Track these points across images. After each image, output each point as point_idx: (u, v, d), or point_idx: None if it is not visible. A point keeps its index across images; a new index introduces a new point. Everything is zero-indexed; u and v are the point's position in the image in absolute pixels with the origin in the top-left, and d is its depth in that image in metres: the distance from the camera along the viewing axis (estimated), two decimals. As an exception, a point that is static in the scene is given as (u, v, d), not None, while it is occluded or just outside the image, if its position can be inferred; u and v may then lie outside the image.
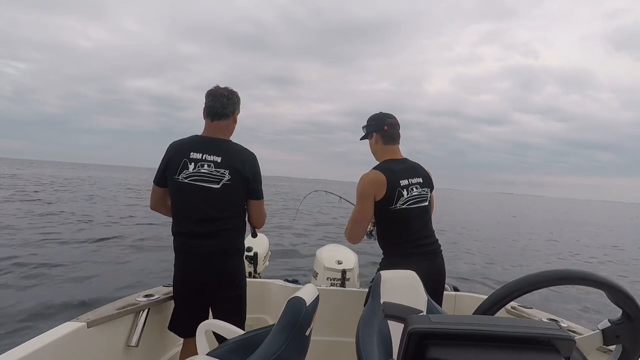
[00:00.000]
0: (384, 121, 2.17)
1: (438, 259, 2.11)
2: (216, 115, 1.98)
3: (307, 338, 1.34)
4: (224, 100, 1.99)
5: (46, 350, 1.29)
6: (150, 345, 1.96)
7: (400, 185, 2.03)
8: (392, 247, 2.13)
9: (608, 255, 13.97)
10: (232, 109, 2.02)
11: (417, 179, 2.10)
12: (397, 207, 2.02)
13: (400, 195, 2.02)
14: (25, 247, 8.20)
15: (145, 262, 7.67)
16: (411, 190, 2.05)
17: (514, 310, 2.10)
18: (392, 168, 2.07)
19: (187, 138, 2.01)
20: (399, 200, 2.02)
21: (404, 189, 2.03)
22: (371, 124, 2.21)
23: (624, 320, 0.80)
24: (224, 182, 1.89)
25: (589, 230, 25.37)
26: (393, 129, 2.17)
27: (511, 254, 12.56)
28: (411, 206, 2.05)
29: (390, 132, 2.17)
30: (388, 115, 2.20)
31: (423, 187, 2.11)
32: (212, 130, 2.00)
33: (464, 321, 0.61)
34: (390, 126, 2.17)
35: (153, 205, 2.10)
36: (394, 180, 2.02)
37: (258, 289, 2.42)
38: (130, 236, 10.23)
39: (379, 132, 2.18)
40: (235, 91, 2.04)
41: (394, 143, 2.18)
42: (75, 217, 12.84)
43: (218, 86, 2.04)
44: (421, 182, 2.11)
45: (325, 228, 14.66)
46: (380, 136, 2.17)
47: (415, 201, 2.06)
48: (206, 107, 2.01)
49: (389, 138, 2.17)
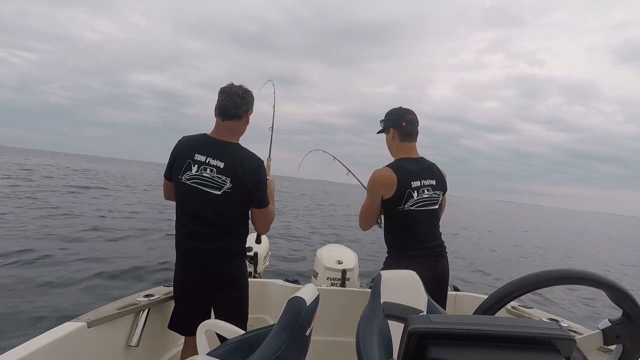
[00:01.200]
0: (402, 117, 2.09)
1: (443, 261, 2.09)
2: (228, 115, 1.91)
3: (307, 338, 1.34)
4: (238, 100, 1.91)
5: (46, 350, 1.29)
6: (151, 345, 1.96)
7: (411, 187, 1.98)
8: (396, 245, 2.11)
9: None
10: (246, 109, 1.94)
11: (431, 181, 2.04)
12: (405, 208, 1.98)
13: (409, 196, 1.97)
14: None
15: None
16: (422, 192, 2.00)
17: (514, 310, 2.10)
18: (406, 168, 2.02)
19: (195, 136, 1.96)
20: (407, 202, 1.98)
21: (414, 190, 1.98)
22: (389, 119, 2.14)
23: (624, 320, 0.80)
24: (225, 190, 1.85)
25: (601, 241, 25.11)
26: (411, 126, 2.09)
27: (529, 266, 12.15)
28: (419, 209, 2.00)
29: (408, 129, 2.09)
30: (407, 111, 2.12)
31: (435, 189, 2.05)
32: (222, 131, 1.93)
33: (464, 321, 0.61)
34: (409, 123, 2.09)
35: (166, 196, 2.09)
36: (405, 181, 1.98)
37: (258, 289, 2.42)
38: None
39: (396, 128, 2.10)
40: (250, 90, 1.97)
41: (410, 140, 2.11)
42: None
43: (232, 84, 1.96)
44: (434, 185, 2.04)
45: (326, 229, 14.66)
46: (398, 132, 2.10)
47: (425, 204, 2.01)
48: (218, 106, 1.93)
49: (406, 135, 2.10)
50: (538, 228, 33.96)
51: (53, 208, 12.20)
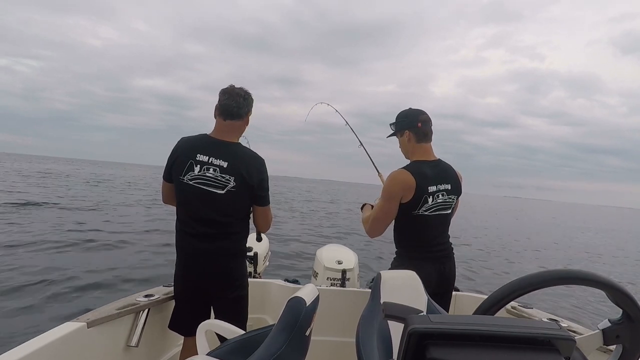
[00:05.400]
0: (417, 117, 2.05)
1: (450, 262, 2.08)
2: (230, 115, 1.92)
3: (307, 338, 1.34)
4: (240, 100, 1.93)
5: (46, 350, 1.29)
6: (151, 345, 1.96)
7: (428, 192, 1.95)
8: (406, 247, 2.09)
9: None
10: (247, 110, 1.97)
11: (446, 185, 2.01)
12: (419, 213, 1.95)
13: (425, 201, 1.95)
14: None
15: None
16: (437, 197, 1.97)
17: (514, 310, 2.10)
18: (424, 172, 1.98)
19: (195, 136, 1.97)
20: (422, 207, 1.95)
21: (430, 195, 1.95)
22: (404, 121, 2.09)
23: (624, 320, 0.80)
24: (229, 189, 1.86)
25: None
26: (427, 126, 2.05)
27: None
28: (433, 214, 1.97)
29: (424, 129, 2.04)
30: (420, 112, 2.08)
31: (450, 194, 2.02)
32: (223, 131, 1.94)
33: (464, 321, 0.61)
34: (424, 123, 2.05)
35: (164, 199, 2.09)
36: (424, 185, 1.94)
37: (258, 289, 2.42)
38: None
39: (412, 130, 2.05)
40: (250, 92, 1.99)
41: (427, 141, 2.06)
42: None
43: (233, 85, 1.98)
44: (449, 189, 2.02)
45: (327, 228, 14.64)
46: (414, 134, 2.05)
47: (438, 209, 1.99)
48: (220, 106, 1.94)
49: (423, 135, 2.05)
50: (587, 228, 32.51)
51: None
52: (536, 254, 13.91)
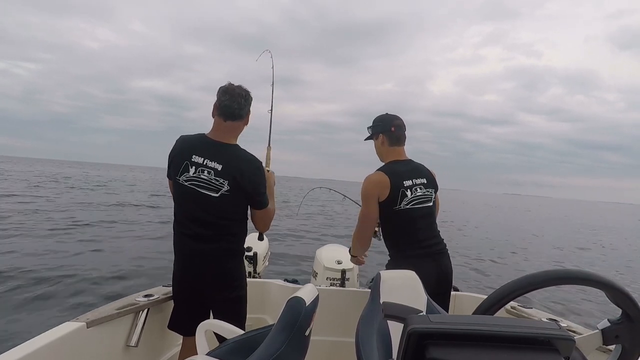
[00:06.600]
0: (391, 122, 2.17)
1: (445, 259, 2.11)
2: (231, 116, 1.88)
3: (307, 338, 1.34)
4: (241, 101, 1.89)
5: (46, 350, 1.29)
6: (150, 345, 1.96)
7: (404, 186, 2.04)
8: (397, 247, 2.13)
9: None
10: (247, 110, 1.94)
11: (421, 180, 2.11)
12: (402, 208, 2.03)
13: (404, 195, 2.03)
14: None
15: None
16: (415, 190, 2.06)
17: (514, 310, 2.10)
18: (396, 169, 2.08)
19: (193, 136, 1.95)
20: (402, 201, 2.03)
21: (407, 189, 2.04)
22: (378, 125, 2.20)
23: (623, 320, 0.80)
24: (223, 192, 1.84)
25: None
26: (400, 131, 2.17)
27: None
28: (415, 206, 2.05)
29: (397, 134, 2.16)
30: (395, 117, 2.19)
31: (427, 187, 2.11)
32: (222, 132, 1.91)
33: (464, 321, 0.61)
34: (397, 128, 2.16)
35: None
36: (398, 181, 2.03)
37: (258, 289, 2.42)
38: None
39: (385, 134, 2.17)
40: (249, 91, 1.94)
41: (399, 144, 2.18)
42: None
43: (232, 84, 1.92)
44: (425, 183, 2.11)
45: (326, 229, 14.63)
46: (387, 137, 2.16)
47: (420, 201, 2.07)
48: (220, 106, 1.89)
49: (396, 139, 2.17)
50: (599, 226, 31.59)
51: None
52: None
